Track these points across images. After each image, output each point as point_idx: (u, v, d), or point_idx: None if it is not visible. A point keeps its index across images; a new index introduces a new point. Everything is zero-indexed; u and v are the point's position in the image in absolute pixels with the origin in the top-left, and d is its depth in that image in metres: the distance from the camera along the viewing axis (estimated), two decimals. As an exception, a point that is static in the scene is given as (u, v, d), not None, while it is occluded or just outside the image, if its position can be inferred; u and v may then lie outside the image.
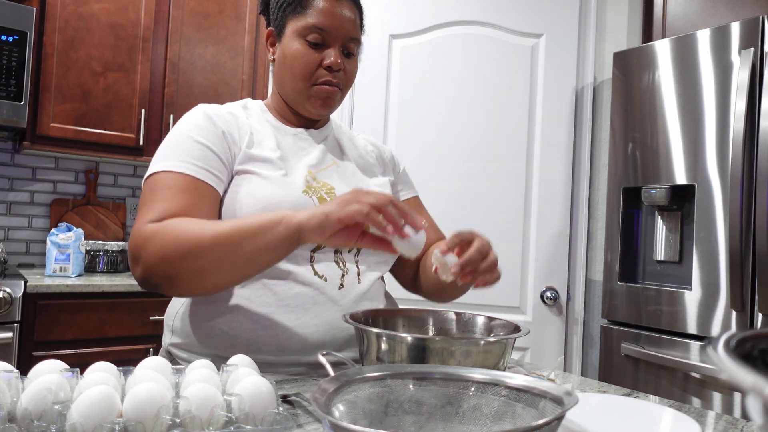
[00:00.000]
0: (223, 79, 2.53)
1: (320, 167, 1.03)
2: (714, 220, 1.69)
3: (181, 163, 0.90)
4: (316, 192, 0.97)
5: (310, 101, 1.01)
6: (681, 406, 0.77)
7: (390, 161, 1.22)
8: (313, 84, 1.00)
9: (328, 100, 1.01)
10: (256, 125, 1.02)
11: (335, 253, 0.97)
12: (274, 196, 0.91)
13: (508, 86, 2.28)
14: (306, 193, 0.95)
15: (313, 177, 1.00)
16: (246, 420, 0.57)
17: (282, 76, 1.02)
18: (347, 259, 0.99)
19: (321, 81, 0.99)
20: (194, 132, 0.94)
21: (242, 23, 2.60)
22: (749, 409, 0.25)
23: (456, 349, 0.67)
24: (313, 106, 1.02)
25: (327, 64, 0.98)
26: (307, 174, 0.99)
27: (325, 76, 0.99)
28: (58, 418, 0.52)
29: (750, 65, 1.61)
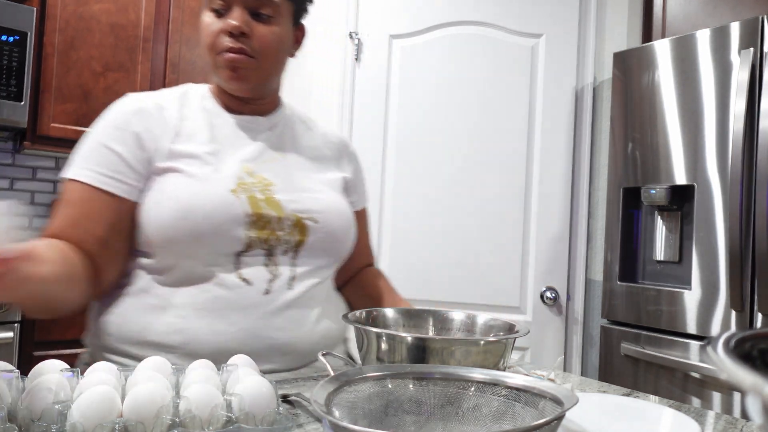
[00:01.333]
0: (223, 79, 2.54)
1: (260, 160, 0.95)
2: (714, 220, 1.69)
3: (83, 170, 0.87)
4: (248, 190, 0.90)
5: (219, 73, 0.93)
6: (681, 406, 0.77)
7: (351, 159, 1.13)
8: (219, 53, 0.92)
9: (237, 70, 0.92)
10: (191, 115, 0.95)
11: (267, 255, 0.90)
12: (197, 197, 0.85)
13: (508, 86, 2.28)
14: (234, 192, 0.88)
15: (249, 172, 0.92)
16: (246, 420, 0.57)
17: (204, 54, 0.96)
18: (281, 262, 0.91)
19: (224, 48, 0.91)
20: (104, 134, 0.89)
21: (242, 23, 2.60)
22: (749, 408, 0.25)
23: (456, 349, 0.67)
24: (223, 77, 0.94)
25: (227, 30, 0.90)
26: (242, 169, 0.92)
27: (228, 43, 0.91)
28: (58, 418, 0.52)
29: (750, 65, 1.61)
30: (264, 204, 0.90)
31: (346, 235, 1.00)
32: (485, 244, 2.26)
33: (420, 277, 2.26)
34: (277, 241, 0.90)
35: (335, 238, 0.98)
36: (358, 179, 1.14)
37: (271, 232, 0.89)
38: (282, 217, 0.91)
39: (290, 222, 0.92)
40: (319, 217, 0.95)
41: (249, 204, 0.88)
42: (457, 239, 2.26)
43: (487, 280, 2.25)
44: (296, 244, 0.92)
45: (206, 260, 0.86)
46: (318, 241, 0.94)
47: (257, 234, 0.88)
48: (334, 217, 0.97)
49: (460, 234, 2.27)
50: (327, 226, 0.95)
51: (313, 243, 0.94)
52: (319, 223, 0.94)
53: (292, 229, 0.92)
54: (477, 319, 0.87)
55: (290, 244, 0.92)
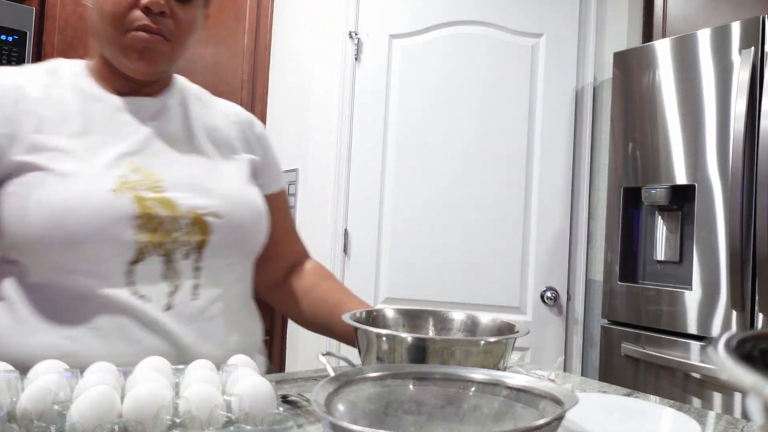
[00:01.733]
0: (224, 79, 2.53)
1: (147, 152, 0.81)
2: (714, 220, 1.69)
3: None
4: (134, 188, 0.76)
5: (125, 53, 0.79)
6: (681, 406, 0.77)
7: (259, 141, 0.99)
8: (127, 30, 0.77)
9: (148, 53, 0.79)
10: (60, 98, 0.80)
11: (166, 262, 0.77)
12: (71, 200, 0.71)
13: (508, 86, 2.28)
14: (117, 192, 0.74)
15: (136, 167, 0.78)
16: (246, 420, 0.57)
17: (95, 25, 0.80)
18: (183, 268, 0.78)
19: (136, 26, 0.77)
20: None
21: (242, 23, 2.60)
22: (749, 409, 0.25)
23: (456, 349, 0.67)
24: (129, 59, 0.79)
25: (144, 4, 0.77)
26: (126, 164, 0.78)
27: (142, 20, 0.77)
28: (58, 418, 0.52)
29: (750, 65, 1.61)
30: (154, 203, 0.77)
31: (256, 227, 0.88)
32: (485, 244, 2.26)
33: (420, 277, 2.26)
34: (175, 243, 0.77)
35: (243, 233, 0.85)
36: (268, 160, 0.99)
37: (165, 234, 0.76)
38: (177, 216, 0.78)
39: (188, 221, 0.78)
40: (222, 210, 0.82)
41: (135, 204, 0.75)
42: (457, 239, 2.26)
43: (487, 280, 2.25)
44: (198, 245, 0.79)
45: (92, 274, 0.73)
46: (223, 239, 0.82)
47: (149, 238, 0.75)
48: (239, 209, 0.84)
49: (460, 234, 2.27)
50: (232, 220, 0.83)
51: (217, 241, 0.81)
52: (223, 218, 0.82)
53: (190, 228, 0.79)
54: (477, 319, 0.87)
55: (191, 246, 0.79)
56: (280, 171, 1.04)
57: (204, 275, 0.80)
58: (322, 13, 2.41)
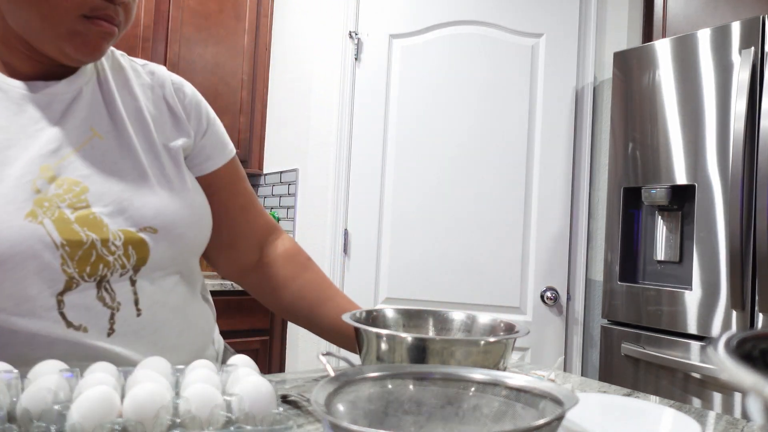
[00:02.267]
0: (223, 79, 2.53)
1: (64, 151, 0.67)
2: (714, 220, 1.69)
3: None
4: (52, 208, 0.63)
5: (73, 41, 0.66)
6: (681, 407, 0.77)
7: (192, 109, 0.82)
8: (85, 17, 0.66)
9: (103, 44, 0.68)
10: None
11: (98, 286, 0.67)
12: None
13: (508, 86, 2.28)
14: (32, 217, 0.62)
15: (51, 175, 0.65)
16: (246, 420, 0.57)
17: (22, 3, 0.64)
18: (118, 291, 0.68)
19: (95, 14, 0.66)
20: None
21: (242, 23, 2.60)
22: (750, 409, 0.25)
23: (456, 349, 0.67)
24: (79, 50, 0.67)
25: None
26: (39, 172, 0.64)
27: (103, 8, 0.66)
28: (57, 418, 0.52)
29: (750, 65, 1.61)
30: (77, 225, 0.65)
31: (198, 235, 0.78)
32: (485, 244, 2.26)
33: (420, 277, 2.26)
34: (109, 268, 0.67)
35: (183, 242, 0.74)
36: (204, 132, 0.83)
37: (96, 260, 0.66)
38: (107, 238, 0.67)
39: (120, 241, 0.68)
40: (158, 223, 0.71)
41: (56, 230, 0.63)
42: (457, 239, 2.26)
43: (487, 280, 2.25)
44: (136, 265, 0.70)
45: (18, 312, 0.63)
46: (163, 254, 0.72)
47: (78, 267, 0.65)
48: (177, 217, 0.73)
49: (460, 234, 2.27)
50: (171, 232, 0.72)
51: (155, 257, 0.71)
52: (160, 232, 0.71)
53: (124, 250, 0.68)
54: (477, 319, 0.87)
55: (127, 268, 0.69)
56: (223, 139, 0.86)
57: (142, 289, 0.70)
58: (322, 13, 2.41)
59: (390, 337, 0.69)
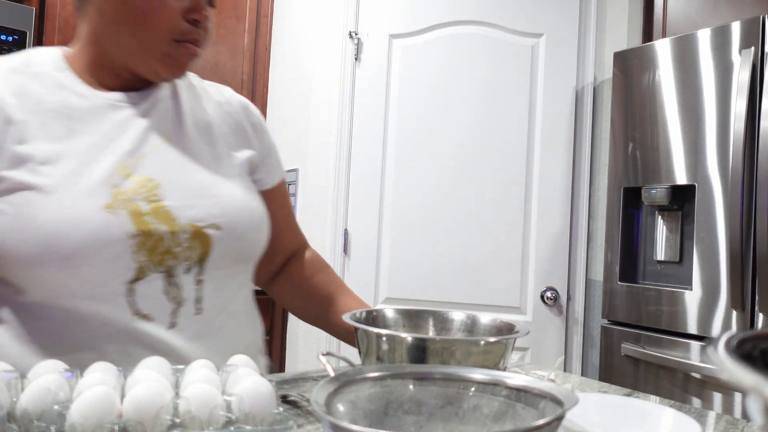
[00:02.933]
0: (223, 79, 2.53)
1: (140, 152, 0.75)
2: (714, 220, 1.69)
3: None
4: (128, 201, 0.70)
5: (165, 63, 0.75)
6: (681, 407, 0.77)
7: (256, 131, 0.91)
8: (175, 41, 0.74)
9: (187, 65, 0.77)
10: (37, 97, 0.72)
11: (167, 278, 0.73)
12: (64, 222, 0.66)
13: (508, 86, 2.28)
14: (111, 208, 0.69)
15: (127, 173, 0.72)
16: (246, 420, 0.57)
17: (118, 27, 0.73)
18: (184, 283, 0.74)
19: (184, 38, 0.74)
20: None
21: (242, 23, 2.60)
22: (750, 409, 0.25)
23: (456, 349, 0.67)
24: (166, 69, 0.76)
25: (194, 17, 0.74)
26: (117, 170, 0.72)
27: (191, 33, 0.74)
28: (57, 418, 0.52)
29: (750, 65, 1.61)
30: (151, 218, 0.71)
31: (258, 236, 0.85)
32: (485, 244, 2.26)
33: (420, 277, 2.26)
34: (176, 259, 0.73)
35: (245, 244, 0.81)
36: (266, 151, 0.93)
37: (165, 251, 0.72)
38: (176, 230, 0.73)
39: (187, 235, 0.74)
40: (223, 222, 0.77)
41: (132, 221, 0.70)
42: (457, 239, 2.26)
43: (487, 280, 2.25)
44: (199, 258, 0.76)
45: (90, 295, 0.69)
46: (225, 251, 0.78)
47: (148, 256, 0.71)
48: (240, 219, 0.80)
49: (460, 234, 2.27)
50: (233, 231, 0.79)
51: (219, 254, 0.77)
52: (224, 230, 0.77)
53: (191, 242, 0.74)
54: (477, 319, 0.87)
55: (192, 261, 0.75)
56: (279, 160, 0.97)
57: (206, 288, 0.76)
58: (322, 13, 2.41)
59: (390, 337, 0.69)
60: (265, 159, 0.92)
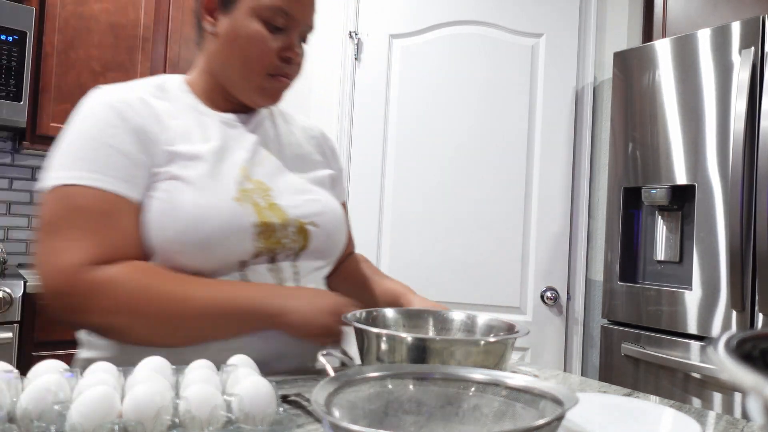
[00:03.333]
0: (223, 79, 2.54)
1: (253, 162, 0.90)
2: (714, 220, 1.69)
3: (99, 175, 0.78)
4: (250, 197, 0.85)
5: (260, 93, 0.90)
6: (681, 407, 0.77)
7: (331, 154, 1.10)
8: (269, 74, 0.89)
9: (279, 95, 0.93)
10: (176, 112, 0.87)
11: (270, 261, 0.87)
12: (203, 208, 0.80)
13: (508, 86, 2.28)
14: (239, 201, 0.83)
15: (246, 176, 0.87)
16: (246, 420, 0.57)
17: (227, 58, 0.89)
18: (283, 267, 0.89)
19: (278, 73, 0.89)
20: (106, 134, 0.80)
21: (242, 23, 2.60)
22: (750, 409, 0.25)
23: (456, 349, 0.67)
24: (262, 98, 0.91)
25: (287, 56, 0.89)
26: (240, 173, 0.87)
27: (283, 68, 0.89)
28: (57, 418, 0.52)
29: (750, 65, 1.61)
30: (268, 212, 0.86)
31: (342, 236, 0.99)
32: (485, 244, 2.26)
33: (420, 277, 2.26)
34: (282, 248, 0.88)
35: (333, 241, 0.96)
36: (338, 173, 1.10)
37: (276, 240, 0.87)
38: (286, 224, 0.88)
39: (293, 228, 0.89)
40: (319, 220, 0.93)
41: (255, 212, 0.84)
42: (457, 239, 2.26)
43: (487, 280, 2.25)
44: (299, 249, 0.90)
45: (212, 273, 0.83)
46: (318, 245, 0.93)
47: (264, 243, 0.85)
48: (331, 220, 0.95)
49: (460, 234, 2.27)
50: (326, 229, 0.94)
51: (313, 247, 0.92)
52: (319, 227, 0.92)
53: (295, 235, 0.89)
54: (477, 319, 0.87)
55: (293, 250, 0.90)
56: (344, 184, 1.15)
57: (299, 274, 0.90)
58: (322, 13, 2.41)
59: (390, 337, 0.69)
60: (337, 179, 1.09)
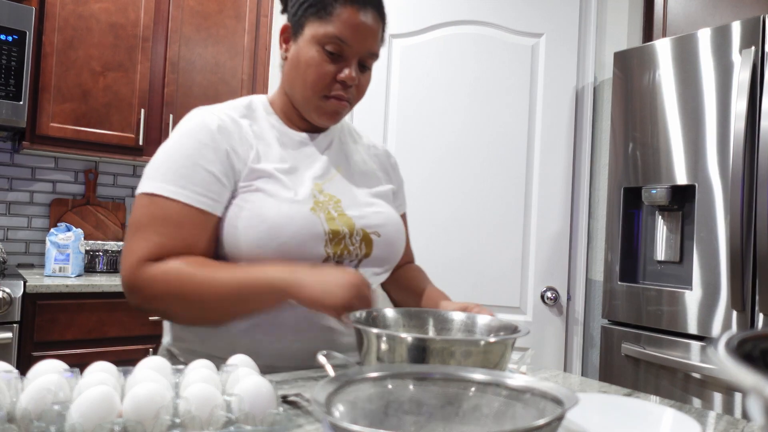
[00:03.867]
0: (223, 79, 2.53)
1: (325, 178, 1.00)
2: (714, 220, 1.69)
3: (181, 189, 0.88)
4: (323, 208, 0.95)
5: (317, 112, 0.99)
6: (681, 407, 0.77)
7: (393, 170, 1.19)
8: (324, 96, 0.97)
9: (336, 115, 1.00)
10: (261, 132, 0.98)
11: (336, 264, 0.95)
12: (280, 217, 0.89)
13: (508, 86, 2.28)
14: (314, 211, 0.93)
15: (320, 190, 0.97)
16: (246, 420, 0.57)
17: (293, 80, 0.99)
18: None
19: (333, 94, 0.97)
20: (196, 152, 0.90)
21: (242, 23, 2.60)
22: (750, 409, 0.25)
23: (456, 349, 0.67)
24: (320, 117, 0.99)
25: (342, 78, 0.95)
26: (314, 187, 0.97)
27: (338, 90, 0.97)
28: (57, 418, 0.52)
29: (751, 65, 1.61)
30: (339, 222, 0.95)
31: (401, 246, 1.06)
32: (485, 244, 2.26)
33: (420, 277, 2.26)
34: (348, 254, 0.96)
35: (393, 250, 1.03)
36: (400, 188, 1.20)
37: (344, 247, 0.95)
38: (353, 233, 0.96)
39: (359, 237, 0.97)
40: (381, 231, 1.01)
41: (327, 221, 0.93)
42: (457, 239, 2.26)
43: (487, 280, 2.25)
44: (363, 256, 0.98)
45: None
46: (379, 253, 1.00)
47: (333, 249, 0.94)
48: (392, 231, 1.03)
49: (460, 234, 2.27)
50: (387, 239, 1.01)
51: (375, 255, 1.00)
52: (381, 237, 1.00)
53: (360, 243, 0.97)
54: (477, 319, 0.87)
55: (357, 257, 0.97)
56: (405, 196, 1.23)
57: None
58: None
59: (390, 337, 0.69)
60: (398, 193, 1.18)
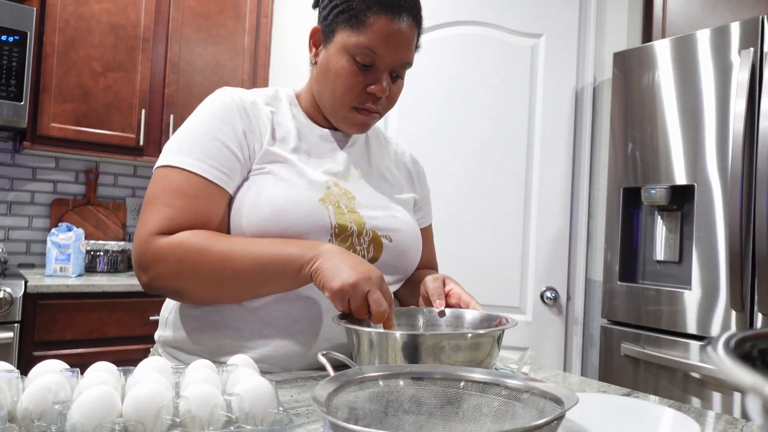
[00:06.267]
0: (223, 79, 2.53)
1: (342, 175, 0.97)
2: (714, 220, 1.69)
3: (196, 161, 0.86)
4: (334, 200, 0.92)
5: (346, 123, 0.96)
6: (681, 406, 0.77)
7: (419, 179, 1.16)
8: (354, 108, 0.94)
9: (365, 126, 0.97)
10: (282, 120, 0.96)
11: None
12: (287, 202, 0.87)
13: (508, 86, 2.28)
14: (323, 201, 0.90)
15: (335, 183, 0.95)
16: (246, 420, 0.57)
17: (321, 87, 0.95)
18: None
19: (363, 106, 0.94)
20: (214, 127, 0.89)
21: (242, 23, 2.60)
22: (749, 408, 0.25)
23: (445, 343, 0.68)
24: (348, 127, 0.97)
25: (373, 91, 0.92)
26: (329, 180, 0.94)
27: (368, 102, 0.94)
28: (58, 418, 0.52)
29: (750, 65, 1.61)
30: (348, 217, 0.92)
31: (415, 256, 1.02)
32: (485, 244, 2.26)
33: (420, 277, 2.26)
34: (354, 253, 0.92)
35: (405, 258, 0.99)
36: (425, 197, 1.16)
37: (350, 245, 0.91)
38: (362, 231, 0.93)
39: (368, 237, 0.94)
40: (394, 236, 0.97)
41: (335, 214, 0.90)
42: (457, 239, 2.26)
43: (487, 280, 2.25)
44: (370, 260, 0.94)
45: None
46: (389, 259, 0.96)
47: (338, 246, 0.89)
48: (406, 238, 0.99)
49: (460, 234, 2.27)
50: (400, 245, 0.97)
51: (384, 260, 0.95)
52: (393, 242, 0.96)
53: (369, 244, 0.94)
54: (464, 315, 0.88)
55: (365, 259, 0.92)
56: (431, 207, 1.19)
57: None
58: (322, 13, 2.41)
59: (379, 335, 0.70)
60: (423, 203, 1.15)
